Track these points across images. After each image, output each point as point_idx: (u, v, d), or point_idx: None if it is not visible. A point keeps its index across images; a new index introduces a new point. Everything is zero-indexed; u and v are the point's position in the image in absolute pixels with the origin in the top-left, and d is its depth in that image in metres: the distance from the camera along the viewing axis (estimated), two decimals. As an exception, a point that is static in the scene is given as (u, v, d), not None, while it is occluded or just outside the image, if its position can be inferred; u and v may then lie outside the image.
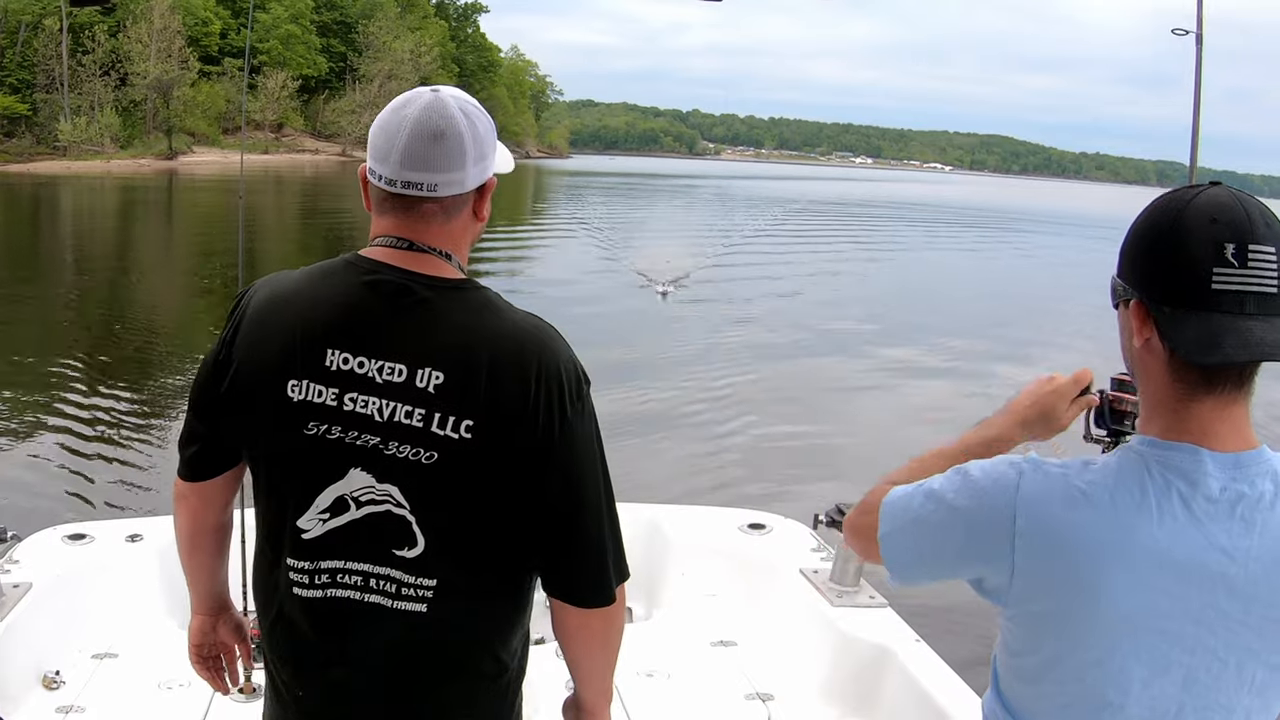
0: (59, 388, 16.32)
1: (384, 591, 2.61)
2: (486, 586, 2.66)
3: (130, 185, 66.68)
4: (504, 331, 2.59)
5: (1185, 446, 2.07)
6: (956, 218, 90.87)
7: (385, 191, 2.62)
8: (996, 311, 31.33)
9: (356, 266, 2.64)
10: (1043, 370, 2.70)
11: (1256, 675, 2.11)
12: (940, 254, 54.25)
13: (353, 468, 2.58)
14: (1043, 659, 2.19)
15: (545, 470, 2.55)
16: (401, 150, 2.57)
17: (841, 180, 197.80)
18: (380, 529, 2.58)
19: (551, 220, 46.96)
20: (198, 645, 3.23)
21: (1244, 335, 1.95)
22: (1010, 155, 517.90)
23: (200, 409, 2.78)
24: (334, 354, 2.56)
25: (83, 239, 40.88)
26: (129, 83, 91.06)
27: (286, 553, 2.66)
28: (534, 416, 2.52)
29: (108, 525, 6.09)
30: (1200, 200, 2.03)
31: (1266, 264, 1.97)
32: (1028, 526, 2.10)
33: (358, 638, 2.64)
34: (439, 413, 2.52)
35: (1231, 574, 2.05)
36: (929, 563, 2.32)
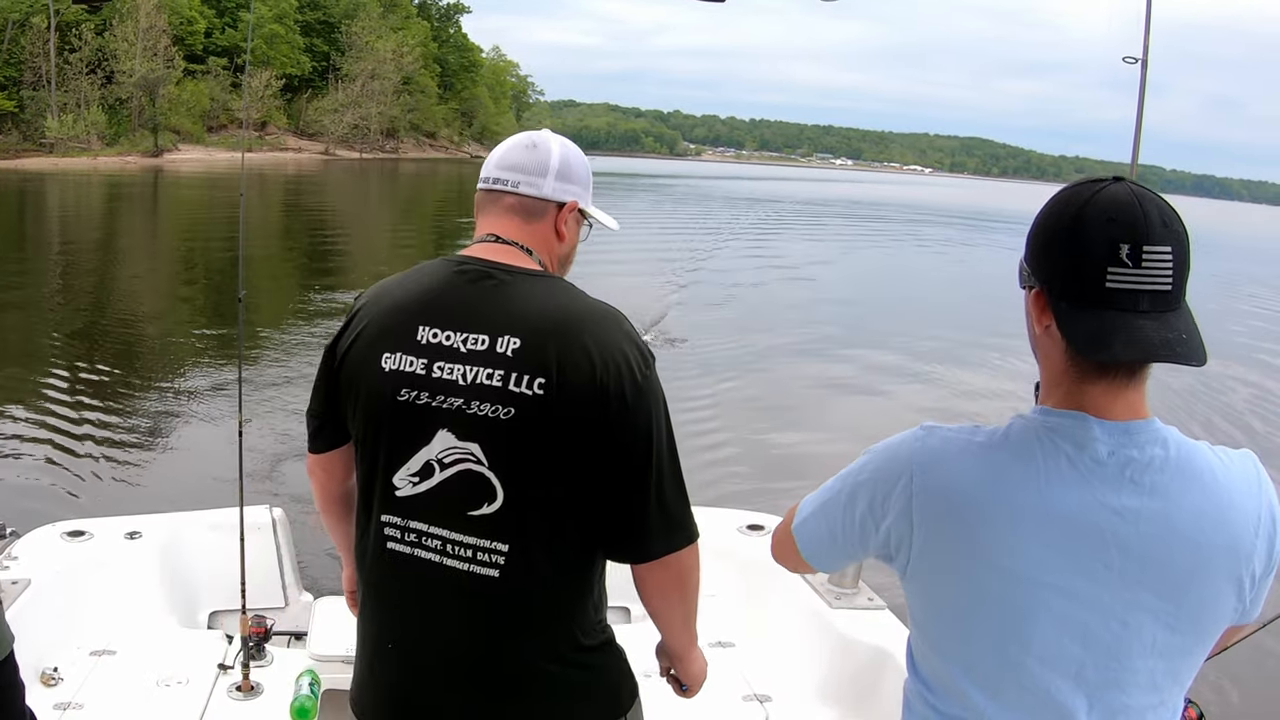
0: (55, 385, 16.36)
1: (458, 556, 2.86)
2: (556, 551, 2.87)
3: (116, 182, 66.67)
4: (576, 308, 2.88)
5: (1074, 414, 2.18)
6: (937, 218, 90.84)
7: (482, 190, 3.10)
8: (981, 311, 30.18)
9: (449, 261, 3.00)
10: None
11: (1158, 637, 2.18)
12: (931, 255, 54.43)
13: (440, 429, 2.85)
14: (946, 622, 2.32)
15: (613, 432, 2.78)
16: (500, 156, 3.08)
17: (822, 181, 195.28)
18: (461, 489, 2.83)
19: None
20: (350, 592, 3.54)
21: (1134, 334, 2.04)
22: (990, 158, 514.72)
23: (318, 390, 3.14)
24: (424, 330, 2.88)
25: (71, 235, 40.65)
26: (115, 80, 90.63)
27: (381, 509, 2.94)
28: (602, 381, 2.76)
29: (107, 522, 6.06)
30: (1100, 198, 2.10)
31: (1161, 264, 2.05)
32: (921, 485, 2.25)
33: (436, 600, 2.92)
34: (515, 372, 2.77)
35: (1123, 533, 2.13)
36: (839, 539, 2.46)
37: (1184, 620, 2.19)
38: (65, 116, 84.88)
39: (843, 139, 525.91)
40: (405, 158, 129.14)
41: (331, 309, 24.47)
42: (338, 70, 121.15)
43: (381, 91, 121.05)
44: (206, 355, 19.01)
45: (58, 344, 19.94)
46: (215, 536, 5.77)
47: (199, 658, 4.95)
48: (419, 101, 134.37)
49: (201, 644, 5.15)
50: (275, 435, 13.62)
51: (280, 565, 5.98)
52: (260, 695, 4.67)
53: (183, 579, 5.78)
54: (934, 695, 2.39)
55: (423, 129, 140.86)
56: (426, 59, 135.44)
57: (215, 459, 11.60)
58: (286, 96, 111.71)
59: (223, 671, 4.84)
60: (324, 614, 5.05)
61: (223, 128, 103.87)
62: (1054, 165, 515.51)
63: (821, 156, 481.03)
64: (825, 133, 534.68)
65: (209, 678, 4.80)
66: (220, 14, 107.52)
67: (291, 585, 6.01)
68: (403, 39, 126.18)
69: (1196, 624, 2.22)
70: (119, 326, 22.60)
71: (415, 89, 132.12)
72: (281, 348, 19.58)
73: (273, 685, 4.72)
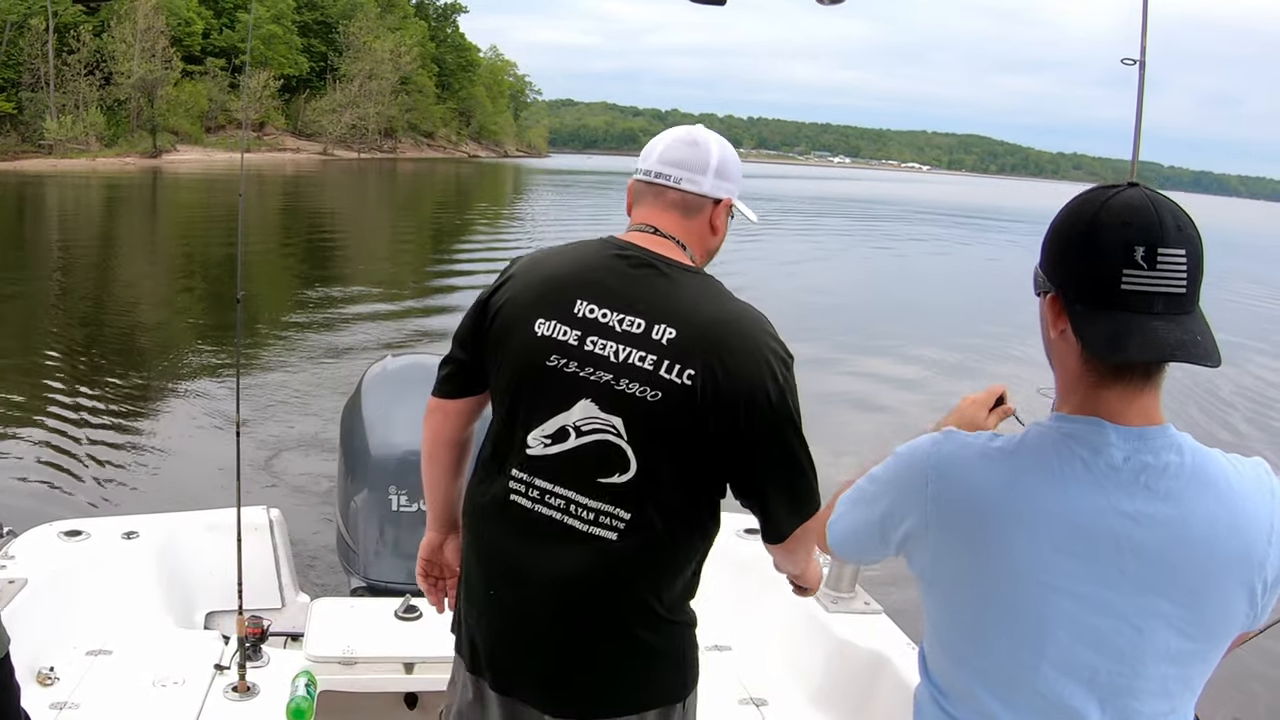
0: (54, 385, 16.33)
1: (580, 518, 3.08)
2: (673, 528, 3.11)
3: (115, 183, 66.64)
4: (729, 308, 3.11)
5: (1090, 420, 2.19)
6: (937, 216, 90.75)
7: (642, 182, 3.27)
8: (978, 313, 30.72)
9: (609, 243, 3.19)
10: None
11: (1171, 643, 2.18)
12: (925, 254, 54.36)
13: (583, 398, 3.05)
14: (961, 625, 2.34)
15: (754, 430, 3.02)
16: (662, 150, 3.25)
17: (820, 179, 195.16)
18: (595, 457, 3.04)
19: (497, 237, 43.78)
20: (426, 560, 3.73)
21: (1149, 335, 2.05)
22: (988, 155, 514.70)
23: (463, 341, 3.34)
24: (582, 304, 3.07)
25: (70, 236, 40.47)
26: (113, 82, 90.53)
27: (512, 465, 3.15)
28: (748, 381, 2.99)
29: (104, 522, 6.06)
30: (1115, 202, 2.12)
31: (1175, 266, 2.06)
32: (938, 490, 2.28)
33: (550, 554, 3.12)
34: (668, 360, 2.98)
35: (1138, 538, 2.14)
36: (863, 538, 2.53)
37: (1197, 626, 2.19)
38: (64, 118, 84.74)
39: (840, 137, 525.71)
40: (403, 157, 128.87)
41: (330, 309, 24.50)
42: (335, 70, 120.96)
43: (379, 91, 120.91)
44: (205, 356, 18.95)
45: (56, 344, 19.80)
46: (212, 537, 5.80)
47: (195, 658, 4.94)
48: (417, 101, 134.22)
49: (198, 644, 5.12)
50: (273, 436, 13.61)
51: (277, 566, 5.99)
52: (256, 696, 4.67)
53: (179, 579, 5.79)
54: (946, 699, 2.41)
55: (420, 129, 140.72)
56: (424, 59, 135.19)
57: (213, 459, 11.63)
58: (284, 97, 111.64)
59: (219, 672, 4.83)
60: (320, 615, 5.02)
61: (221, 128, 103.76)
62: (1052, 162, 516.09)
63: (819, 154, 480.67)
64: (823, 130, 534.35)
65: (205, 678, 4.79)
66: (218, 15, 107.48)
67: (288, 586, 6.02)
68: (400, 39, 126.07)
69: (1209, 630, 2.22)
70: (117, 326, 22.61)
71: (413, 89, 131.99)
72: (280, 348, 19.59)
73: (269, 686, 4.71)
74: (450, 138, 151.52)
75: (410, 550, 5.49)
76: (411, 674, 4.77)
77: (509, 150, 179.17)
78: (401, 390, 6.00)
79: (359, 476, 5.70)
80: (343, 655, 4.70)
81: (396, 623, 4.96)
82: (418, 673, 4.77)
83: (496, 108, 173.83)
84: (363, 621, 4.98)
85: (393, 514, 5.57)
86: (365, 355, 19.06)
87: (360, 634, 4.84)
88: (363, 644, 4.77)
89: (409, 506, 5.54)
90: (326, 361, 18.64)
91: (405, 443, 5.62)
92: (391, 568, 5.62)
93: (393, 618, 4.98)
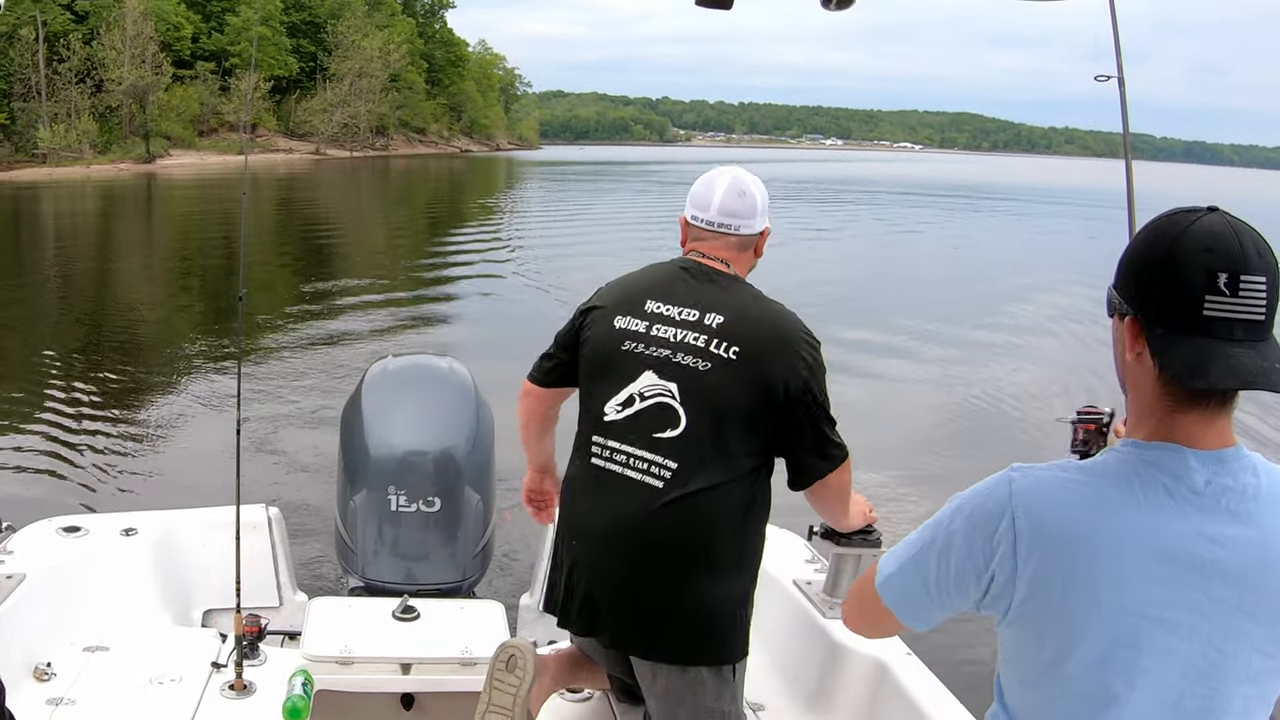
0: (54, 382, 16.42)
1: (635, 469, 3.83)
2: (713, 483, 3.79)
3: (110, 189, 66.64)
4: (768, 305, 4.01)
5: (1169, 445, 2.20)
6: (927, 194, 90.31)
7: (705, 229, 4.13)
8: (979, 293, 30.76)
9: (677, 262, 4.12)
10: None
11: (1252, 663, 2.20)
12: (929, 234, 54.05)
13: (647, 370, 3.89)
14: (1046, 657, 2.29)
15: (787, 398, 3.79)
16: (719, 203, 4.10)
17: (812, 162, 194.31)
18: (654, 416, 3.84)
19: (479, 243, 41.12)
20: (529, 490, 4.73)
21: (1231, 362, 2.06)
22: (980, 133, 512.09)
23: (563, 342, 4.22)
24: (651, 303, 3.98)
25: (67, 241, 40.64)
26: (105, 89, 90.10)
27: (593, 432, 3.98)
28: (783, 356, 3.82)
29: (102, 518, 6.09)
30: (1197, 228, 2.12)
31: (1257, 293, 2.08)
32: (1024, 524, 2.24)
33: (613, 505, 3.88)
34: (717, 339, 3.83)
35: (1223, 561, 2.16)
36: (934, 591, 2.44)
37: (1276, 644, 2.22)
38: (57, 126, 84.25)
39: (832, 119, 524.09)
40: (396, 154, 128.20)
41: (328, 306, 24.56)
42: (325, 70, 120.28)
43: (369, 90, 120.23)
44: (205, 354, 19.03)
45: (56, 343, 19.93)
46: (211, 534, 5.81)
47: (192, 655, 4.95)
48: (407, 98, 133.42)
49: (195, 642, 5.14)
50: (273, 434, 13.66)
51: (275, 564, 6.00)
52: (253, 694, 4.69)
53: (178, 576, 5.82)
54: None
55: (412, 125, 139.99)
56: (413, 55, 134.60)
57: (212, 457, 11.64)
58: (275, 98, 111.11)
59: (216, 670, 4.84)
60: (318, 614, 5.05)
61: (213, 131, 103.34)
62: (1044, 137, 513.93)
63: (811, 137, 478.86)
64: (814, 113, 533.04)
65: (202, 676, 4.80)
66: (206, 19, 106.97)
67: (286, 585, 6.03)
68: (389, 36, 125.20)
69: None
70: (117, 326, 22.75)
71: (403, 86, 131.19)
72: (279, 347, 19.63)
73: (266, 684, 4.72)
74: (442, 133, 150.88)
75: (408, 551, 5.65)
76: (408, 675, 4.81)
77: (501, 144, 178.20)
78: (402, 391, 6.06)
79: (358, 476, 5.72)
80: (340, 655, 4.73)
81: (394, 623, 4.99)
82: (414, 673, 4.80)
83: (487, 102, 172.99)
84: (360, 621, 5.00)
85: (391, 514, 5.59)
86: (362, 346, 19.63)
87: (358, 634, 4.86)
88: (360, 644, 4.79)
89: (408, 507, 5.58)
90: (327, 360, 18.66)
91: (405, 443, 5.69)
92: (390, 568, 5.66)
93: (390, 618, 5.00)
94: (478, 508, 5.80)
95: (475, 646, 4.78)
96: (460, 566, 5.71)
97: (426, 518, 5.61)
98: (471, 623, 5.05)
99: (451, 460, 5.72)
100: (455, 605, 5.27)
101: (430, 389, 6.11)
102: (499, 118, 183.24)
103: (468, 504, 5.74)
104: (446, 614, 5.13)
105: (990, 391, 18.60)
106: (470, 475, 5.75)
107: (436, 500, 5.61)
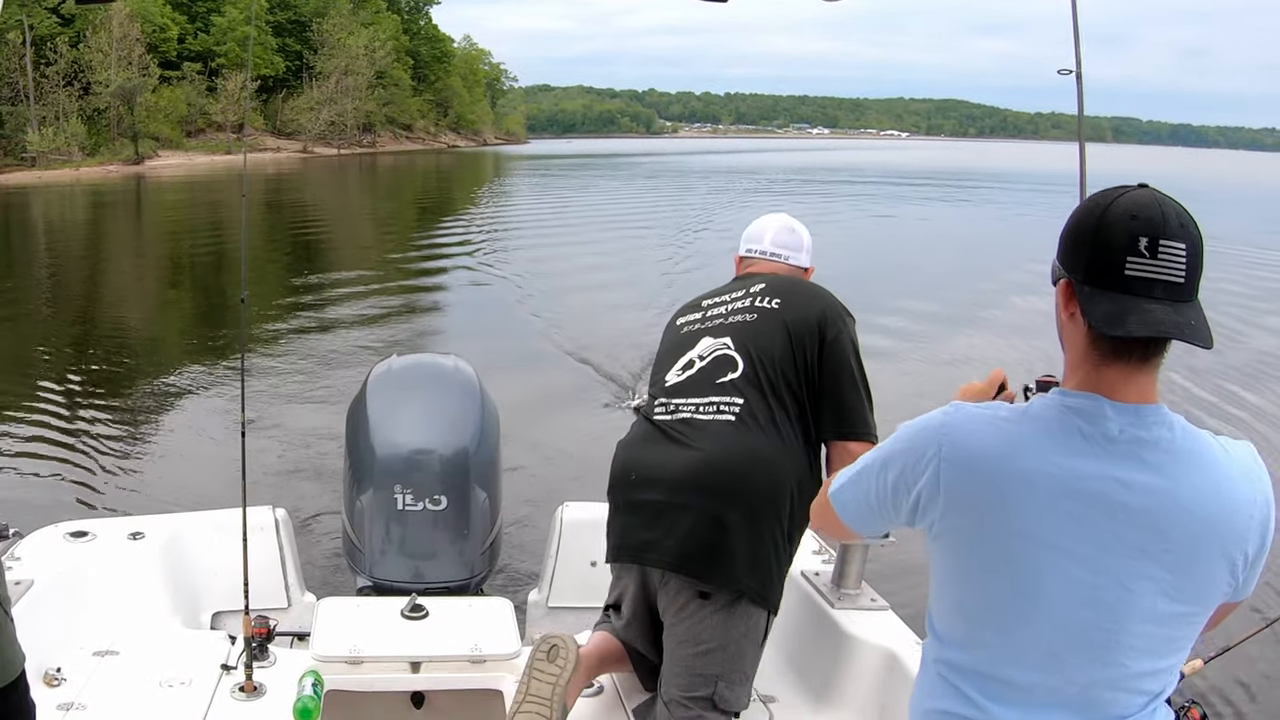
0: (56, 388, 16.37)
1: (703, 413, 4.25)
2: (776, 417, 4.20)
3: (100, 191, 66.43)
4: (803, 279, 4.76)
5: (1090, 395, 2.42)
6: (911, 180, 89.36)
7: (758, 257, 4.88)
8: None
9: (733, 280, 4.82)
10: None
11: (1157, 605, 2.40)
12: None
13: (704, 337, 4.47)
14: (964, 580, 2.57)
15: (820, 344, 4.29)
16: (772, 236, 4.87)
17: (800, 151, 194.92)
18: (716, 367, 4.34)
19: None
20: None
21: (1146, 315, 2.26)
22: (966, 119, 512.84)
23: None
24: (707, 300, 4.70)
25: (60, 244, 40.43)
26: (92, 91, 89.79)
27: (658, 397, 4.47)
28: (819, 311, 4.37)
29: (109, 523, 6.09)
30: (1125, 199, 2.34)
31: (1176, 257, 2.28)
32: (949, 451, 2.51)
33: (678, 449, 4.22)
34: (759, 297, 4.47)
35: (1131, 504, 2.36)
36: (874, 503, 2.74)
37: (1182, 590, 2.41)
38: (45, 129, 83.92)
39: (818, 108, 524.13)
40: (383, 151, 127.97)
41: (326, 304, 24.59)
42: (311, 69, 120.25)
43: (356, 87, 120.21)
44: (205, 355, 18.93)
45: (55, 347, 20.02)
46: (218, 537, 5.79)
47: (202, 658, 4.96)
48: (393, 95, 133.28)
49: (204, 644, 5.15)
50: (277, 435, 13.64)
51: (283, 566, 5.99)
52: (263, 696, 4.69)
53: (186, 580, 5.82)
54: (948, 649, 2.63)
55: (399, 122, 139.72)
56: (399, 52, 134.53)
57: (217, 459, 11.60)
58: (263, 97, 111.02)
59: (226, 672, 4.85)
60: (327, 614, 5.04)
61: (201, 132, 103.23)
62: (1030, 122, 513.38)
63: (798, 127, 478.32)
64: (800, 103, 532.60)
65: (212, 678, 4.81)
66: (192, 19, 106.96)
67: (294, 586, 6.02)
68: (374, 34, 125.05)
69: (1194, 595, 2.43)
70: (116, 330, 22.54)
71: (389, 82, 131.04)
72: (277, 345, 19.63)
73: (276, 686, 4.72)
74: (429, 129, 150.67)
75: (416, 550, 5.62)
76: (418, 673, 4.81)
77: (488, 139, 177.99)
78: (406, 390, 6.07)
79: (364, 476, 5.70)
80: (349, 655, 4.71)
81: (403, 622, 4.97)
82: (424, 672, 4.81)
83: (473, 97, 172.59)
84: (369, 621, 4.99)
85: (398, 513, 5.57)
86: (361, 339, 19.92)
87: (366, 633, 4.85)
88: (369, 643, 4.79)
89: (414, 505, 5.57)
90: (329, 359, 18.64)
91: (410, 442, 5.68)
92: (397, 567, 5.64)
93: (399, 617, 4.99)
94: (485, 505, 5.72)
95: (484, 644, 4.80)
96: (468, 564, 5.68)
97: (433, 516, 5.58)
98: (480, 620, 5.03)
99: (457, 458, 5.67)
100: (464, 603, 5.24)
101: (435, 387, 6.11)
102: (485, 113, 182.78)
103: (475, 501, 5.71)
104: (455, 612, 5.10)
105: (960, 361, 19.20)
106: (476, 472, 5.71)
107: (443, 498, 5.57)
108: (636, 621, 4.52)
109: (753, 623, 4.22)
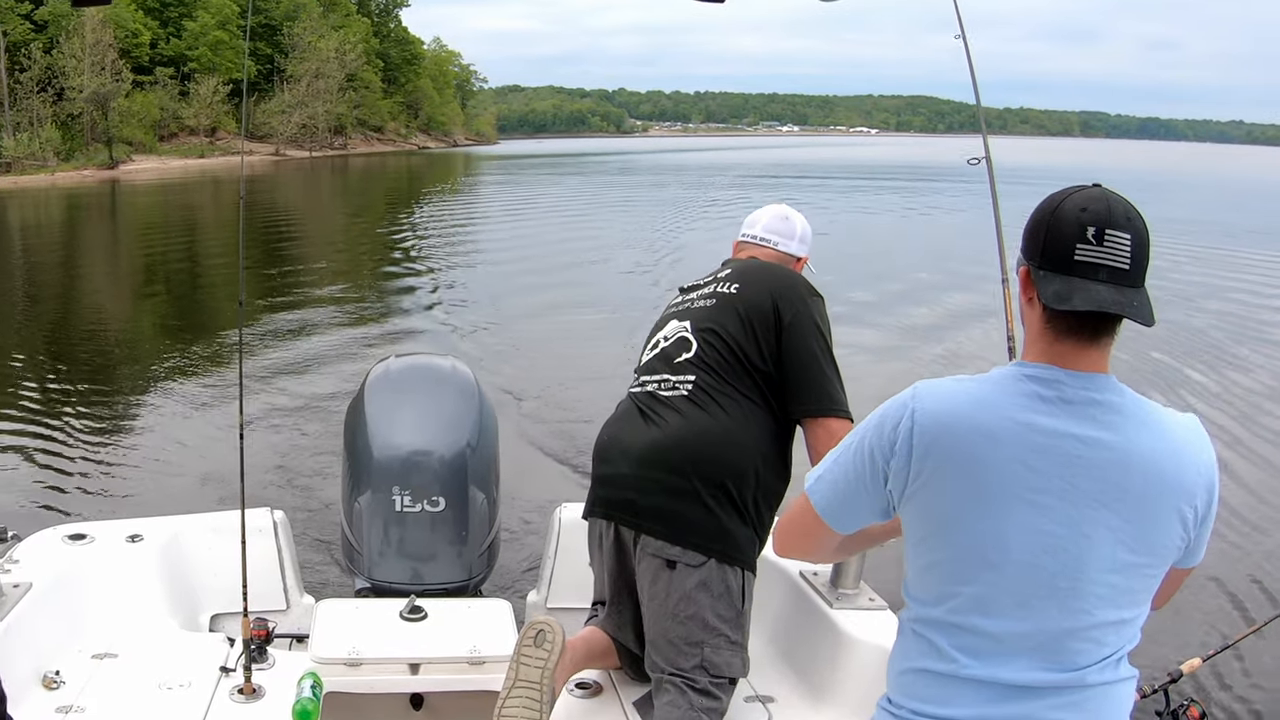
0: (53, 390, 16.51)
1: (665, 389, 4.48)
2: (728, 392, 4.39)
3: (76, 196, 66.35)
4: (770, 263, 4.90)
5: (1046, 365, 2.64)
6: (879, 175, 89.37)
7: (749, 242, 5.08)
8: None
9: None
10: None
11: (1116, 555, 2.60)
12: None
13: (672, 320, 4.70)
14: (936, 536, 2.73)
15: (781, 326, 4.44)
16: (765, 222, 5.09)
17: (770, 149, 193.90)
18: (674, 348, 4.57)
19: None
20: None
21: (1091, 293, 2.50)
22: (935, 115, 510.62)
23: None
24: (689, 286, 4.87)
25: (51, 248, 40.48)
26: (66, 97, 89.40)
27: (636, 373, 4.72)
28: (781, 290, 4.55)
29: (108, 525, 6.02)
30: (1077, 195, 2.59)
31: (1120, 246, 2.52)
32: (920, 415, 2.70)
33: (646, 424, 4.45)
34: (723, 284, 4.67)
35: (1088, 458, 2.58)
36: (853, 481, 2.88)
37: (1139, 541, 2.61)
38: (20, 135, 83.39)
39: (788, 105, 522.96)
40: (354, 153, 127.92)
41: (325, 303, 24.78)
42: (282, 72, 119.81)
43: (327, 90, 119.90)
44: (202, 358, 18.91)
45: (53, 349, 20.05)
46: (216, 539, 5.77)
47: (201, 660, 4.94)
48: (364, 97, 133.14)
49: (203, 647, 5.12)
50: (275, 437, 13.64)
51: (282, 568, 5.96)
52: (262, 698, 4.68)
53: (184, 582, 5.80)
54: (922, 608, 2.80)
55: (370, 124, 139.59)
56: (369, 55, 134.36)
57: (215, 462, 11.65)
58: (234, 101, 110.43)
59: (224, 674, 4.83)
60: (326, 616, 5.03)
61: (174, 136, 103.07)
62: (999, 118, 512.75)
63: (768, 124, 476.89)
64: (770, 101, 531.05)
65: (211, 680, 4.79)
66: (164, 24, 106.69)
67: (293, 588, 6.00)
68: (344, 37, 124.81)
69: (1149, 547, 2.63)
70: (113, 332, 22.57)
71: (360, 85, 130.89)
72: (277, 344, 19.69)
73: (274, 688, 4.70)
74: (399, 131, 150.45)
75: (414, 551, 5.63)
76: (417, 675, 4.79)
77: (458, 139, 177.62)
78: (404, 391, 6.08)
79: (363, 477, 5.71)
80: (348, 656, 4.70)
81: (402, 623, 4.97)
82: (423, 673, 4.78)
83: (443, 98, 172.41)
84: (368, 622, 4.98)
85: (396, 515, 5.59)
86: (352, 339, 20.01)
87: (365, 635, 4.84)
88: (368, 645, 4.76)
89: (413, 507, 5.58)
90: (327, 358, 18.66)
91: (408, 443, 5.70)
92: (396, 568, 5.65)
93: (398, 618, 4.99)
94: (483, 506, 5.75)
95: (483, 645, 4.78)
96: (466, 565, 5.69)
97: (432, 517, 5.60)
98: (479, 621, 5.02)
99: (455, 459, 5.70)
100: (462, 604, 5.24)
101: (432, 389, 6.13)
102: (455, 114, 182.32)
103: (473, 503, 5.73)
104: (454, 613, 5.08)
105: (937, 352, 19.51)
106: (474, 474, 5.73)
107: (441, 500, 5.59)
108: (619, 610, 4.65)
109: (727, 583, 4.31)
